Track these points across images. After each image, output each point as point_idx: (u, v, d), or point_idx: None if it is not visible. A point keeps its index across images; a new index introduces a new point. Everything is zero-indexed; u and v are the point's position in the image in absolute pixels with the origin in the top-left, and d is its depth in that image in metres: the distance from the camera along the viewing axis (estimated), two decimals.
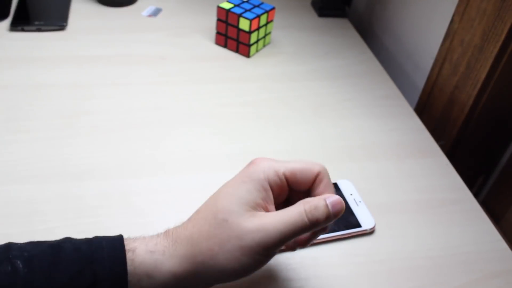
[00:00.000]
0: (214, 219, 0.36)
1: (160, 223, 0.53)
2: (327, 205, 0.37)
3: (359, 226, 0.54)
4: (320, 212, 0.36)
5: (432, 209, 0.59)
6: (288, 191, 0.40)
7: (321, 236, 0.52)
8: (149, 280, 0.34)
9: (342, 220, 0.55)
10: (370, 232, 0.55)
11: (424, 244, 0.54)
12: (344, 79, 0.80)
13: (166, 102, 0.70)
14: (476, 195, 0.76)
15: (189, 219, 0.39)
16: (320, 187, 0.39)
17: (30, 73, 0.72)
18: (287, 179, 0.38)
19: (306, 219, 0.36)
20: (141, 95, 0.71)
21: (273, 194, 0.38)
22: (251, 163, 0.39)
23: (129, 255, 0.34)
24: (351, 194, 0.58)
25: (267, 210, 0.37)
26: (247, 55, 0.82)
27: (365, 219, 0.55)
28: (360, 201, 0.57)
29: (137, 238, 0.37)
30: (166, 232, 0.38)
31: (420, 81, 0.84)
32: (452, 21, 0.71)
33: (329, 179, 0.40)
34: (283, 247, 0.38)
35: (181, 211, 0.55)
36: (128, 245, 0.35)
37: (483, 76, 0.66)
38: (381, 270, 0.51)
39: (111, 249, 0.34)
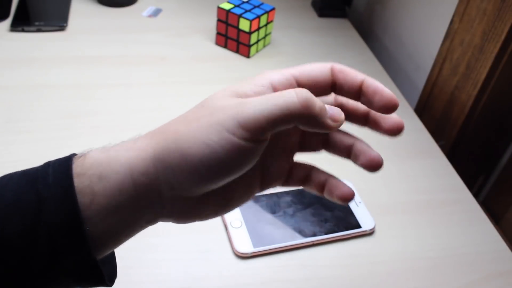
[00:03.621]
0: (194, 107, 0.30)
1: (160, 223, 0.53)
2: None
3: (359, 227, 0.54)
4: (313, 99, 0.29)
5: (432, 209, 0.59)
6: None
7: (321, 237, 0.53)
8: (101, 182, 0.28)
9: (342, 221, 0.55)
10: (370, 233, 0.55)
11: (424, 244, 0.54)
12: None
13: (166, 102, 0.70)
14: (476, 195, 0.76)
15: None
16: (340, 79, 0.33)
17: (30, 73, 0.73)
18: (298, 81, 0.32)
19: (295, 99, 0.28)
20: (141, 96, 0.71)
21: None
22: None
23: (79, 160, 0.29)
24: None
25: None
26: (247, 55, 0.82)
27: (365, 220, 0.55)
28: (360, 202, 0.57)
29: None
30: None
31: (420, 81, 0.84)
32: (452, 21, 0.71)
33: (348, 69, 0.33)
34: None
35: None
36: (80, 154, 0.30)
37: (483, 76, 0.66)
38: (382, 271, 0.51)
39: (58, 160, 0.30)
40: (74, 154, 0.30)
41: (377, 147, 0.72)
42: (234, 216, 0.54)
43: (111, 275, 0.34)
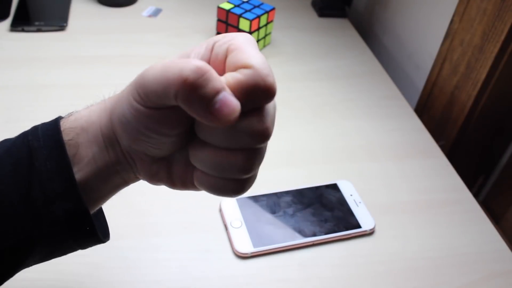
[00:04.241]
0: None
1: (160, 223, 0.53)
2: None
3: (359, 227, 0.54)
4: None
5: (432, 209, 0.59)
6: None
7: (321, 237, 0.53)
8: (83, 134, 0.31)
9: (342, 221, 0.55)
10: (370, 232, 0.55)
11: (424, 244, 0.54)
12: (344, 80, 0.80)
13: None
14: (476, 195, 0.76)
15: None
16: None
17: (30, 73, 0.72)
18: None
19: (191, 66, 0.25)
20: None
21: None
22: None
23: (65, 119, 0.32)
24: (351, 195, 0.58)
25: None
26: None
27: (365, 220, 0.55)
28: (360, 202, 0.57)
29: None
30: None
31: (420, 81, 0.84)
32: (452, 21, 0.71)
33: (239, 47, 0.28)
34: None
35: (182, 211, 0.55)
36: (66, 115, 0.32)
37: (483, 76, 0.66)
38: (382, 270, 0.51)
39: (46, 122, 0.32)
40: (61, 117, 0.32)
41: (378, 147, 0.72)
42: (234, 216, 0.54)
43: (104, 231, 0.35)
